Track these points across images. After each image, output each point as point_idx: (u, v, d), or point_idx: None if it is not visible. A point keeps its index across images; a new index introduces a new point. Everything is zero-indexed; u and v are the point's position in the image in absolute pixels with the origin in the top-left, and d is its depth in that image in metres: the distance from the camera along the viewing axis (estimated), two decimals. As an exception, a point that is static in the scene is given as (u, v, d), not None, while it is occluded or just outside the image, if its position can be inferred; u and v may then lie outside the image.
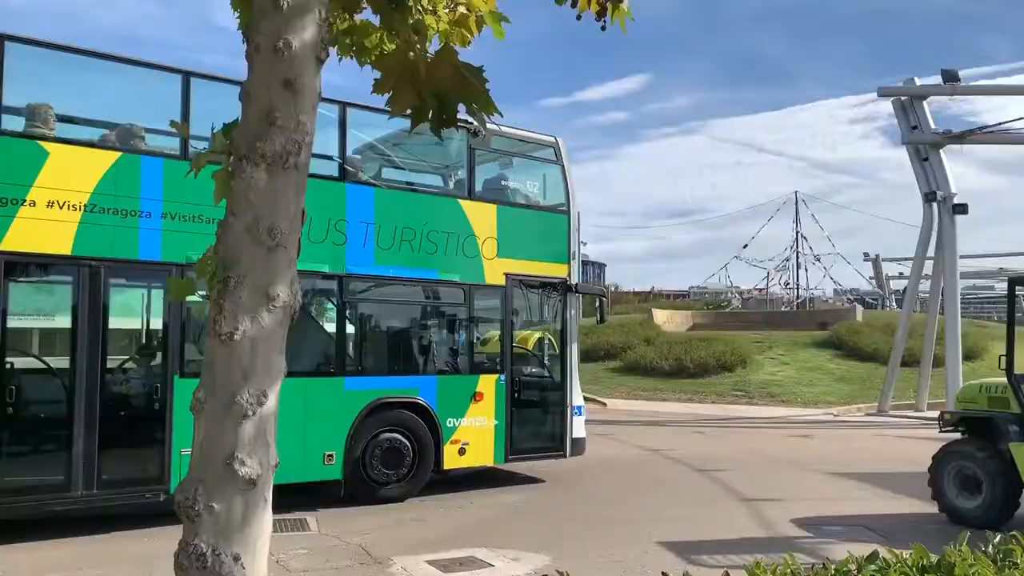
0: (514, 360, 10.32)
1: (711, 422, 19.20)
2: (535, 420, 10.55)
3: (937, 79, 21.47)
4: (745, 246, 58.72)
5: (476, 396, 9.91)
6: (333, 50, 2.79)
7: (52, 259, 7.56)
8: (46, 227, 7.36)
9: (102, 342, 7.67)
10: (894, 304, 46.61)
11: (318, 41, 2.18)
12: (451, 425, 9.71)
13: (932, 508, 8.78)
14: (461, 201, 10.07)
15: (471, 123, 8.37)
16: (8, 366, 7.26)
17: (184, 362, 8.04)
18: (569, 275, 10.76)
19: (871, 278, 57.72)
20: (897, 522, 8.61)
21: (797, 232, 56.18)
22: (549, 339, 9.94)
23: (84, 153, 7.76)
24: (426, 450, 9.50)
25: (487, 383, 10.02)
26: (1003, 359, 8.72)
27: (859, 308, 36.84)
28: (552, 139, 11.01)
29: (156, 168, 8.02)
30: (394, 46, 2.57)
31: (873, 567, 2.91)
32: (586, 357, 28.96)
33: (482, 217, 10.08)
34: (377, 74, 2.51)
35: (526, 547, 7.37)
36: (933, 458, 8.91)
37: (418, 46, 2.46)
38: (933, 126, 21.36)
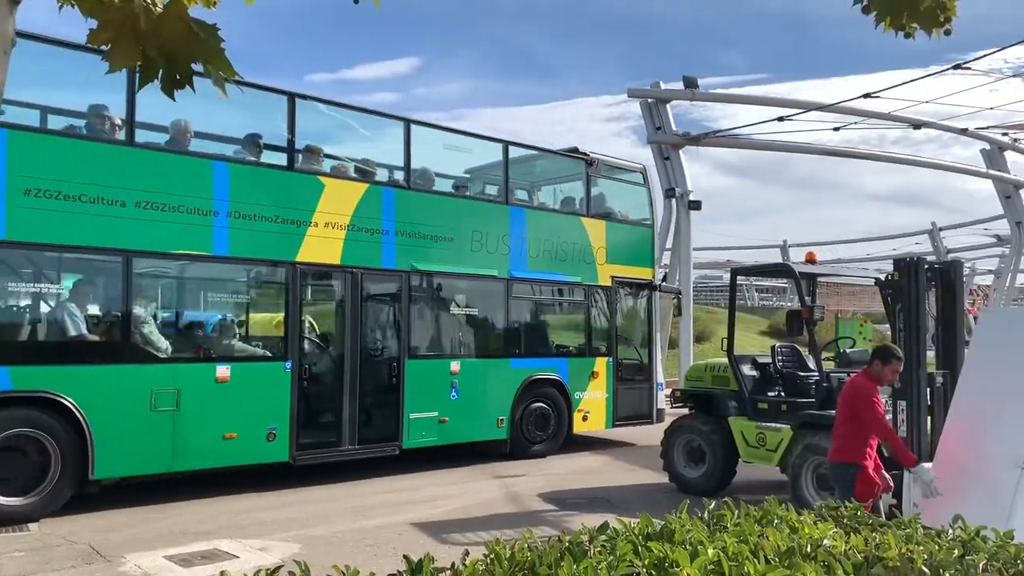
0: (617, 345, 12.72)
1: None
2: (632, 394, 12.92)
3: (681, 85, 23.25)
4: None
5: (594, 374, 12.37)
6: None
7: (328, 267, 9.63)
8: (324, 243, 9.47)
9: (360, 331, 9.88)
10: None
11: (15, -22, 1.89)
12: (578, 397, 12.13)
13: (665, 478, 9.55)
14: (581, 218, 12.49)
15: (586, 155, 12.69)
16: (304, 351, 9.45)
17: (411, 347, 10.35)
18: (653, 277, 13.52)
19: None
20: (633, 493, 9.27)
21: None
22: (310, 322, 9.98)
23: (346, 185, 9.95)
24: (562, 417, 11.90)
25: (600, 364, 12.49)
26: (725, 341, 9.66)
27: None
28: (641, 166, 13.67)
29: (391, 196, 10.23)
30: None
31: (603, 537, 3.05)
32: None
33: (595, 231, 12.58)
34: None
35: (275, 536, 7.12)
36: (665, 432, 9.69)
37: (145, -3, 2.22)
38: (675, 128, 23.09)
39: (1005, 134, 24.60)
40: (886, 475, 6.27)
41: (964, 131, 23.65)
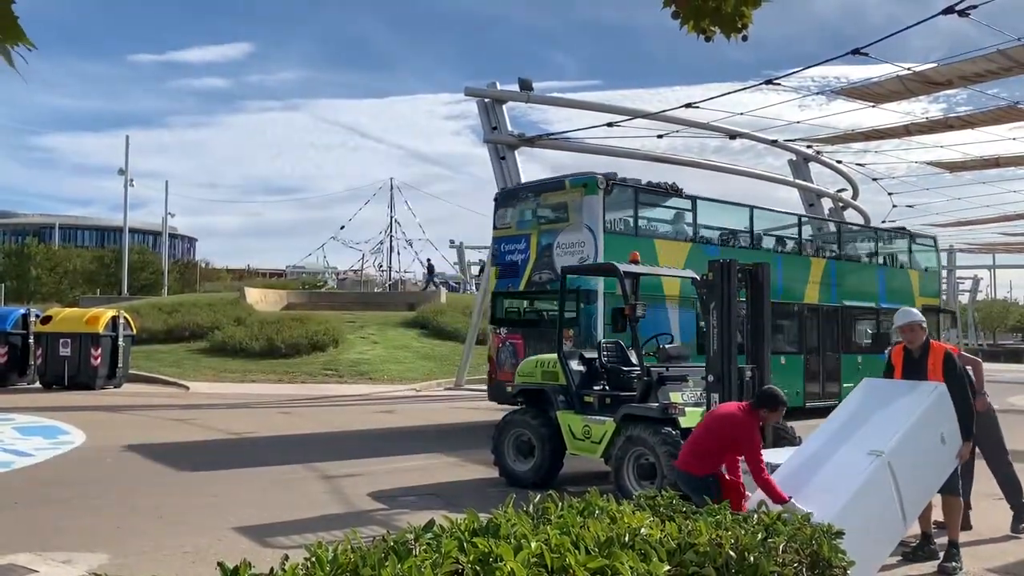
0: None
1: (299, 402, 19.14)
2: None
3: (516, 87, 23.56)
4: (342, 227, 60.06)
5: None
6: None
7: (814, 304, 17.41)
8: (815, 290, 17.42)
9: (818, 337, 17.68)
10: (474, 288, 50.64)
11: None
12: None
13: (495, 473, 9.66)
14: (908, 271, 20.68)
15: (910, 232, 25.05)
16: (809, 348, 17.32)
17: (845, 346, 18.19)
18: (939, 303, 21.18)
19: (455, 263, 62.12)
20: (464, 488, 9.31)
21: (392, 217, 58.81)
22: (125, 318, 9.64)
23: (819, 261, 18.24)
24: None
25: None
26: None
27: (444, 291, 39.36)
28: (933, 237, 22.77)
29: (833, 265, 18.44)
30: None
31: (429, 535, 3.05)
32: (168, 337, 26.99)
33: (914, 277, 20.61)
34: None
35: (82, 546, 6.62)
36: (496, 427, 9.80)
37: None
38: (510, 128, 23.41)
39: (810, 146, 26.64)
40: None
41: (775, 142, 25.45)
